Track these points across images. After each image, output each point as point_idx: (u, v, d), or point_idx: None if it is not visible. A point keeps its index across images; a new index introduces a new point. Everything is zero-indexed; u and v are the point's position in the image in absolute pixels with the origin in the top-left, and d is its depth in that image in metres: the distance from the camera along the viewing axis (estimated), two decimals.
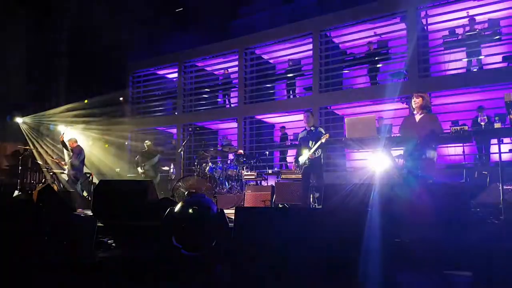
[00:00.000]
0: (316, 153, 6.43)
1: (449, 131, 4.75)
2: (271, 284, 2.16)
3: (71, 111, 12.86)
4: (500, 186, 4.34)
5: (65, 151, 9.45)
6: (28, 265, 2.56)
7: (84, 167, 9.11)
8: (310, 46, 10.92)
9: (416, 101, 5.02)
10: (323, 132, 6.60)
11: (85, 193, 9.01)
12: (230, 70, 12.85)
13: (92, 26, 12.97)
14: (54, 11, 13.48)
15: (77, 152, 8.84)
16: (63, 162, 9.18)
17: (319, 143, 6.35)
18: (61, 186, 9.04)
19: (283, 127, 11.85)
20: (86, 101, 13.01)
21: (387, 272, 2.17)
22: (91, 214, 5.19)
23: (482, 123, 7.86)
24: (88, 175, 9.91)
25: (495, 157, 8.17)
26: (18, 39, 13.07)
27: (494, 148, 8.47)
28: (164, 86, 14.46)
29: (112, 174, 12.14)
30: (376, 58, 10.35)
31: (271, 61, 12.78)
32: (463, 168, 8.49)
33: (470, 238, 2.94)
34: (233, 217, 2.50)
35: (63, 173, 9.25)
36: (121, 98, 13.96)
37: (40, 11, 13.24)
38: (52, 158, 9.87)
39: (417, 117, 5.05)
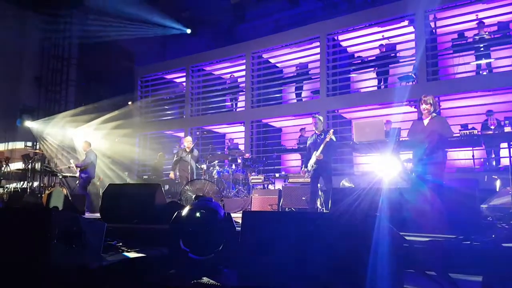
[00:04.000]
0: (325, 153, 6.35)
1: (458, 134, 4.72)
2: None
3: (80, 115, 12.98)
4: (511, 190, 4.29)
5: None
6: (36, 268, 2.58)
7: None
8: (318, 50, 10.92)
9: (424, 105, 4.99)
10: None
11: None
12: (237, 74, 12.89)
13: (101, 31, 13.11)
14: (64, 16, 13.64)
15: (87, 156, 9.00)
16: (72, 167, 9.29)
17: (325, 141, 6.31)
18: (71, 189, 9.12)
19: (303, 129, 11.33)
20: (95, 105, 13.14)
21: (395, 277, 2.15)
22: (100, 217, 5.23)
23: (492, 127, 7.79)
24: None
25: (505, 161, 8.07)
26: (28, 43, 13.25)
27: (503, 152, 8.37)
28: (172, 90, 14.55)
29: (119, 177, 12.23)
30: (384, 62, 10.31)
31: (278, 65, 12.79)
32: (473, 173, 8.42)
33: (480, 243, 2.91)
34: (240, 221, 2.50)
35: (73, 176, 9.34)
36: (129, 102, 14.07)
37: (50, 16, 13.41)
38: (67, 166, 9.93)
39: (426, 121, 5.01)
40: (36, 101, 13.46)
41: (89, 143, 9.48)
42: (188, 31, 13.91)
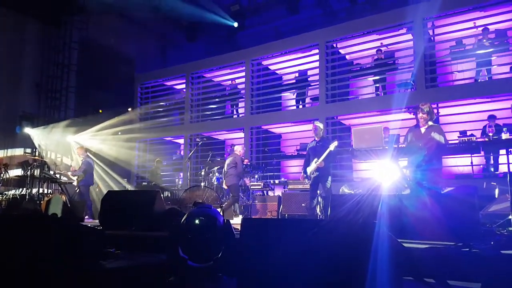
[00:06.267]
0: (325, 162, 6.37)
1: (457, 141, 4.74)
2: None
3: (79, 122, 12.99)
4: (509, 197, 4.29)
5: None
6: (35, 275, 2.58)
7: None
8: (317, 57, 10.97)
9: (421, 114, 5.02)
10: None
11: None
12: (237, 80, 12.94)
13: (101, 38, 13.18)
14: (64, 22, 13.69)
15: (83, 163, 8.99)
16: (70, 174, 9.27)
17: (327, 151, 6.33)
18: (70, 196, 9.10)
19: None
20: (95, 112, 13.16)
21: (394, 285, 2.15)
22: (99, 224, 5.23)
23: (490, 134, 7.77)
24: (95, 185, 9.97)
25: (504, 168, 8.07)
26: (28, 50, 13.29)
27: (502, 159, 8.37)
28: (171, 97, 14.58)
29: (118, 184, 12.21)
30: (383, 69, 10.36)
31: (277, 71, 12.84)
32: (472, 180, 8.42)
33: (479, 250, 2.91)
34: (239, 228, 2.50)
35: (70, 182, 9.33)
36: (129, 109, 14.09)
37: (50, 22, 13.47)
38: (63, 172, 9.93)
39: (422, 129, 5.04)
40: (35, 107, 13.47)
41: (85, 149, 9.45)
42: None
